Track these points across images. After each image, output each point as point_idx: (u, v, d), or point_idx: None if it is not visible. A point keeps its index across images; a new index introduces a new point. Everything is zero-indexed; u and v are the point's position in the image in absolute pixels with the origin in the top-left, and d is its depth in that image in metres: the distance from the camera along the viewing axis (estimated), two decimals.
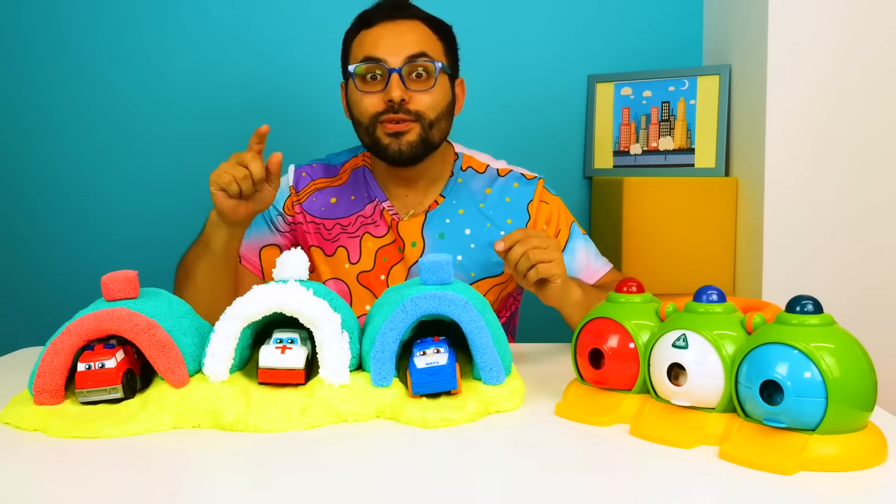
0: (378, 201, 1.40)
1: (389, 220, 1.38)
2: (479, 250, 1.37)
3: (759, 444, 0.76)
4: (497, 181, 1.41)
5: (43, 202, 2.07)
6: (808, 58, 1.64)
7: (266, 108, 2.04)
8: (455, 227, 1.38)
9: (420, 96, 1.29)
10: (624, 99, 1.98)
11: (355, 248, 1.38)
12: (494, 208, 1.39)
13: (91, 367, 0.88)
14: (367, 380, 0.92)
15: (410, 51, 1.28)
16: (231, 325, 0.91)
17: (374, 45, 1.29)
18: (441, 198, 1.39)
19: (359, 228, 1.39)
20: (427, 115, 1.30)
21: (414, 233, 1.37)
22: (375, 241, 1.38)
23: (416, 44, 1.28)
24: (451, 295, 0.92)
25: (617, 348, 0.89)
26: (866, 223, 1.66)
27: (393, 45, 1.28)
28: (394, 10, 1.31)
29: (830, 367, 0.72)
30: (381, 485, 0.73)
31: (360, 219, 1.39)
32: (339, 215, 1.40)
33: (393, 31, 1.29)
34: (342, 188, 1.43)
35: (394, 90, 1.26)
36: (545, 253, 1.10)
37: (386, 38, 1.28)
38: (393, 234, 1.37)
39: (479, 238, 1.37)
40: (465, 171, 1.42)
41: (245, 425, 0.87)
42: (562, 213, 1.41)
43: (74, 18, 2.02)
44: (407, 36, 1.29)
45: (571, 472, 0.76)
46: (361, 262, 1.37)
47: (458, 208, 1.39)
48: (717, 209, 1.79)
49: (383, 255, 1.37)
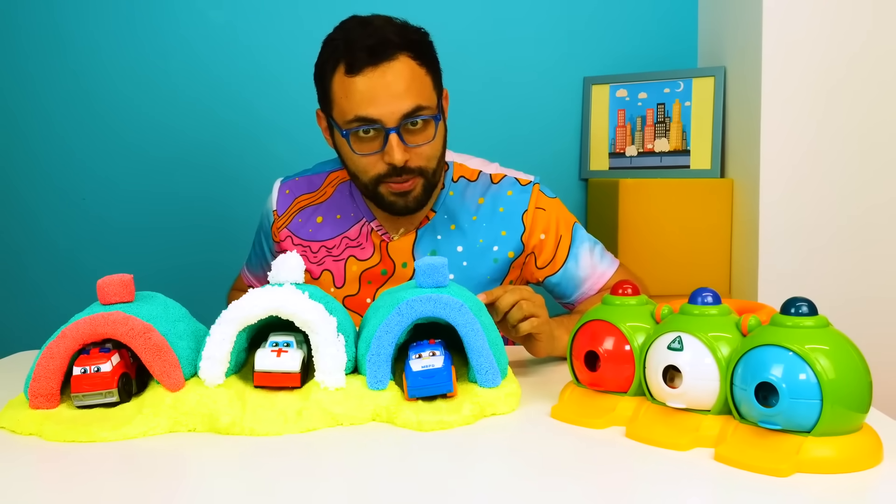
0: (365, 221, 1.35)
1: (378, 242, 1.33)
2: (472, 268, 1.32)
3: (754, 446, 0.76)
4: (490, 189, 1.34)
5: (39, 205, 2.07)
6: (803, 59, 1.65)
7: (263, 111, 2.04)
8: (447, 244, 1.33)
9: (420, 151, 1.22)
10: (619, 101, 1.98)
11: (340, 271, 1.34)
12: (488, 220, 1.33)
13: (87, 370, 0.88)
14: (362, 383, 0.92)
15: (406, 106, 1.18)
16: (227, 328, 0.91)
17: (364, 103, 1.18)
18: (432, 213, 1.34)
19: (343, 251, 1.34)
20: (429, 168, 1.24)
21: (404, 253, 1.33)
22: (360, 265, 1.33)
23: (409, 96, 1.19)
24: (446, 298, 0.92)
25: (612, 351, 0.89)
26: (862, 224, 1.66)
27: (385, 101, 1.18)
28: (375, 52, 1.18)
29: (825, 368, 0.72)
30: (376, 488, 0.73)
31: (344, 240, 1.34)
32: (325, 237, 1.35)
33: (382, 82, 1.18)
34: (327, 205, 1.37)
35: (395, 154, 1.19)
36: (532, 307, 1.09)
37: (376, 92, 1.18)
38: (379, 256, 1.33)
39: (471, 254, 1.32)
40: (456, 183, 1.35)
41: (241, 429, 0.87)
42: (561, 217, 1.35)
43: (72, 23, 2.02)
44: (397, 87, 1.18)
45: (567, 474, 0.76)
46: (346, 286, 1.34)
47: (449, 223, 1.33)
48: (712, 211, 1.80)
49: (368, 279, 1.33)
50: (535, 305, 1.10)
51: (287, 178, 1.41)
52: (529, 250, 1.33)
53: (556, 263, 1.34)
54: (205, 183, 2.06)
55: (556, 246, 1.33)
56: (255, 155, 2.05)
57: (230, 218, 2.06)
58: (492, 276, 1.33)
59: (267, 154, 2.05)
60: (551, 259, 1.34)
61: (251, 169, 2.05)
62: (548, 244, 1.33)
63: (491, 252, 1.32)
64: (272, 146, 2.05)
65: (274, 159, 2.01)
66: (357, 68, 1.19)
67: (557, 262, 1.34)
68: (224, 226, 2.07)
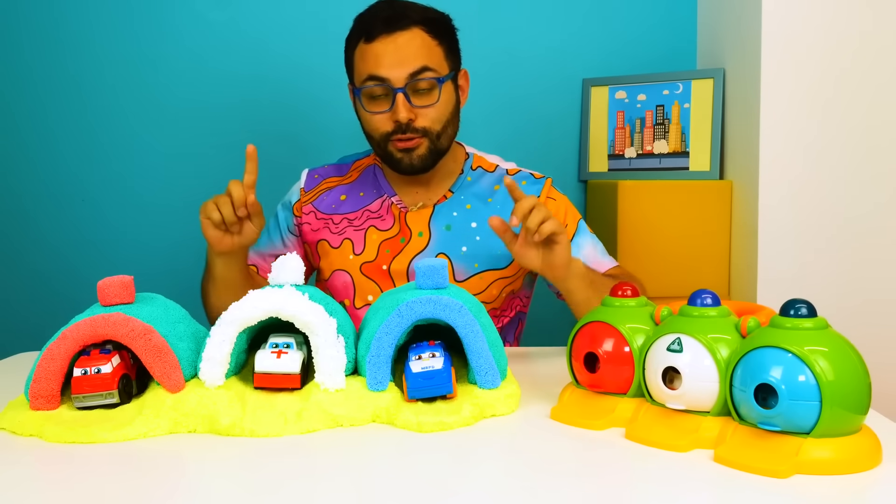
0: (387, 196, 1.44)
1: (397, 213, 1.42)
2: (485, 242, 1.39)
3: (753, 448, 0.76)
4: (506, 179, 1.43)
5: (38, 206, 2.06)
6: (802, 60, 1.65)
7: (262, 111, 2.04)
8: (462, 220, 1.40)
9: (425, 112, 1.33)
10: (618, 102, 1.98)
11: (360, 239, 1.41)
12: (502, 203, 1.42)
13: (87, 372, 0.88)
14: (362, 384, 0.92)
15: (412, 67, 1.30)
16: (227, 329, 0.91)
17: (376, 63, 1.31)
18: (450, 193, 1.44)
19: (365, 221, 1.42)
20: (433, 129, 1.34)
21: (421, 224, 1.41)
22: (380, 234, 1.41)
23: (417, 58, 1.30)
24: (446, 299, 0.92)
25: (612, 352, 0.89)
26: (861, 226, 1.66)
27: (394, 62, 1.30)
28: (391, 21, 1.31)
29: (824, 370, 0.72)
30: (376, 489, 0.73)
31: (366, 213, 1.43)
32: (348, 210, 1.44)
33: (393, 46, 1.30)
34: (352, 185, 1.48)
35: (400, 112, 1.30)
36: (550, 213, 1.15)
37: (387, 55, 1.30)
38: (398, 227, 1.41)
39: (484, 231, 1.39)
40: (474, 171, 1.46)
41: (241, 430, 0.87)
42: (569, 210, 1.44)
43: (70, 23, 2.01)
44: (407, 50, 1.30)
45: (567, 475, 0.76)
46: (365, 252, 1.40)
47: (465, 203, 1.42)
48: (711, 212, 1.80)
49: (386, 248, 1.40)
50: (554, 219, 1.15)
51: (314, 168, 1.52)
52: None
53: None
54: (205, 183, 2.05)
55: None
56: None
57: None
58: (502, 251, 1.37)
59: (267, 155, 2.04)
60: None
61: None
62: None
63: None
64: (272, 147, 2.05)
65: (274, 160, 2.01)
66: (373, 36, 1.32)
67: None
68: None
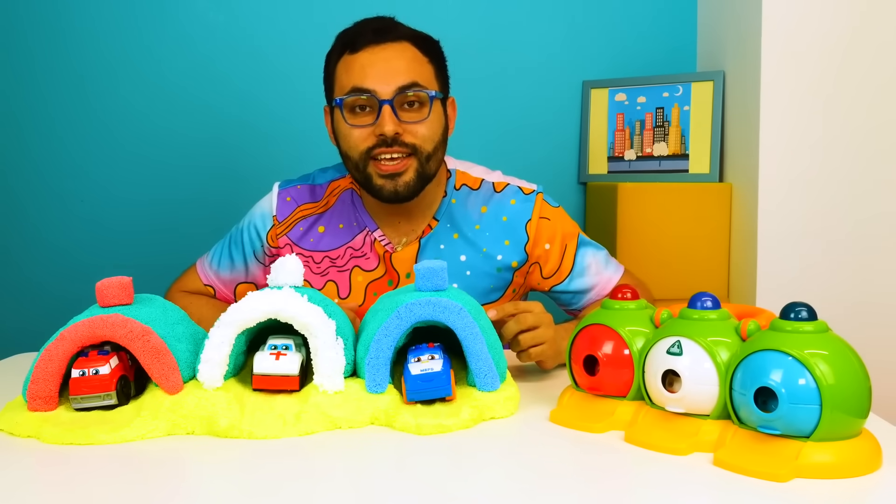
0: (368, 231, 1.32)
1: (381, 253, 1.31)
2: (475, 277, 1.31)
3: (753, 451, 0.76)
4: (493, 198, 1.33)
5: (38, 207, 2.06)
6: (802, 63, 1.65)
7: (263, 113, 2.04)
8: (450, 254, 1.31)
9: (415, 128, 1.21)
10: (618, 105, 1.98)
11: (345, 282, 1.32)
12: (491, 229, 1.31)
13: (85, 373, 0.88)
14: (361, 386, 0.92)
15: (402, 80, 1.20)
16: (225, 331, 0.90)
17: (361, 75, 1.20)
18: (435, 221, 1.32)
19: (348, 261, 1.32)
20: (424, 148, 1.22)
21: (408, 264, 1.31)
22: (365, 276, 1.32)
23: (406, 71, 1.21)
24: (445, 301, 0.92)
25: (611, 355, 0.89)
26: (861, 229, 1.67)
27: (382, 73, 1.20)
28: (379, 32, 1.22)
29: (825, 373, 0.72)
30: (375, 491, 0.73)
31: (349, 251, 1.33)
32: (329, 247, 1.34)
33: (381, 56, 1.21)
34: (329, 214, 1.35)
35: (386, 124, 1.19)
36: (538, 333, 1.10)
37: (374, 65, 1.20)
38: (384, 267, 1.31)
39: (474, 265, 1.31)
40: (458, 191, 1.34)
41: (239, 432, 0.87)
42: (565, 227, 1.34)
43: (72, 23, 2.01)
44: (396, 62, 1.21)
45: (566, 479, 0.76)
46: (351, 297, 1.32)
47: (452, 232, 1.32)
48: (711, 215, 1.80)
49: (374, 290, 1.32)
50: (539, 330, 1.10)
51: (287, 184, 1.38)
52: (533, 260, 1.33)
53: (563, 273, 1.33)
54: (204, 185, 2.06)
55: (562, 255, 1.33)
56: (255, 156, 2.05)
57: (230, 220, 2.05)
58: (495, 284, 1.32)
59: (267, 155, 2.05)
60: (557, 268, 1.33)
61: (251, 170, 2.04)
62: (553, 254, 1.32)
63: (494, 261, 1.31)
64: (273, 147, 2.05)
65: (274, 161, 2.01)
66: (360, 46, 1.22)
67: (564, 272, 1.33)
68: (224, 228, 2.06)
